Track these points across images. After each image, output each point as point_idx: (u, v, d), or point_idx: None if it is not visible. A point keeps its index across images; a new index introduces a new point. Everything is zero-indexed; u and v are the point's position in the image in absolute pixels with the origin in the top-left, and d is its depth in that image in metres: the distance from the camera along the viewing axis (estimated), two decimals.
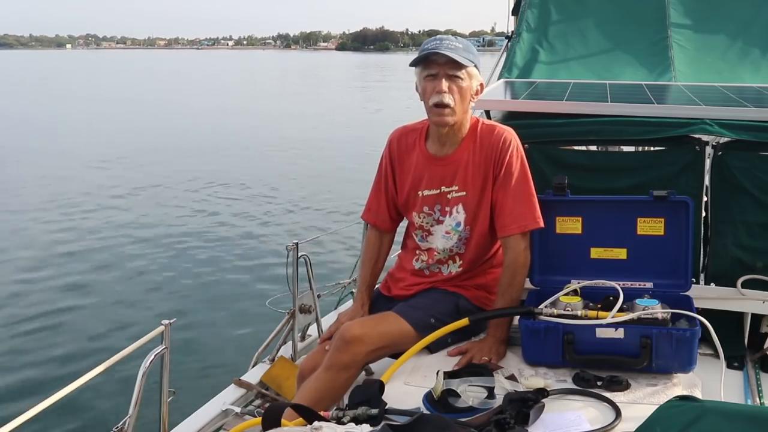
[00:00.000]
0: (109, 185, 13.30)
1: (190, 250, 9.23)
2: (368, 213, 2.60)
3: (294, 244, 3.00)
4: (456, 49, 2.25)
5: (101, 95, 35.23)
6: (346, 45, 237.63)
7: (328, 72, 70.25)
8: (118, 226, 10.40)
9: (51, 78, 54.99)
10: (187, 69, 76.42)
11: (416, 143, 2.47)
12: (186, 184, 13.35)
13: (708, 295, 2.49)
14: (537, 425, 1.81)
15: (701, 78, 3.45)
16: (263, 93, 37.78)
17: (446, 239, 2.43)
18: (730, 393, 2.14)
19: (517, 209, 2.32)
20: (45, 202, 12.11)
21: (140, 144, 18.63)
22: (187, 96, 35.16)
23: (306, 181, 13.68)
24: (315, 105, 30.00)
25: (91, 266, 8.57)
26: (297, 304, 3.05)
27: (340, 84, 47.03)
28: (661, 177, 2.55)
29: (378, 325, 2.27)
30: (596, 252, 2.48)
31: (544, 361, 2.18)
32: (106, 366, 2.24)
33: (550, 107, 2.70)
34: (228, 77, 55.94)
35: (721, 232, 2.56)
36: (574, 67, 3.66)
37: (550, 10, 3.91)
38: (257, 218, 10.98)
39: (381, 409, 1.78)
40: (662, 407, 1.33)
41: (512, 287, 2.33)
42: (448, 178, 2.40)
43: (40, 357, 6.00)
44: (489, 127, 2.39)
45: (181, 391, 2.54)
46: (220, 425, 2.68)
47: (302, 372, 2.37)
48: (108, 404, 4.84)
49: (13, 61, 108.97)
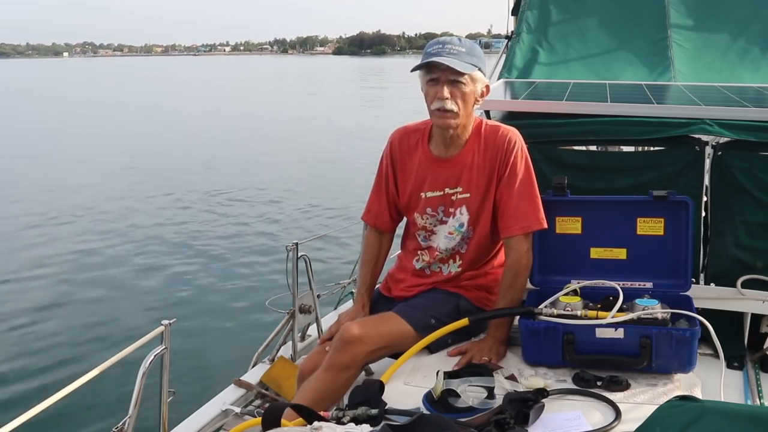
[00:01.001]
0: (109, 188, 13.32)
1: (191, 251, 9.24)
2: (368, 214, 2.59)
3: (294, 244, 3.00)
4: (458, 54, 2.22)
5: (101, 101, 35.20)
6: (342, 49, 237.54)
7: (325, 76, 70.24)
8: (118, 228, 10.42)
9: (48, 86, 54.98)
10: (185, 75, 76.48)
11: (419, 144, 2.46)
12: (186, 186, 13.37)
13: (708, 295, 2.49)
14: (537, 425, 1.81)
15: (701, 78, 3.45)
16: (261, 97, 37.78)
17: (449, 239, 2.43)
18: (730, 393, 2.14)
19: (520, 210, 2.31)
20: (45, 202, 12.13)
21: (139, 148, 18.67)
22: (185, 101, 35.18)
23: (306, 182, 13.68)
24: (314, 107, 30.01)
25: (90, 267, 8.58)
26: (297, 304, 3.05)
27: (338, 87, 47.04)
28: (661, 177, 2.55)
29: (378, 325, 2.27)
30: (596, 252, 2.48)
31: (544, 361, 2.17)
32: (106, 366, 2.23)
33: (550, 107, 2.70)
34: (225, 82, 56.02)
35: (720, 232, 2.55)
36: (573, 67, 3.66)
37: (549, 10, 3.91)
38: (257, 218, 10.98)
39: (381, 409, 1.78)
40: (662, 407, 1.33)
41: (514, 288, 2.33)
42: (452, 179, 2.39)
43: (40, 357, 6.00)
44: (493, 128, 2.38)
45: (181, 391, 2.54)
46: (220, 425, 2.68)
47: (302, 372, 2.37)
48: (108, 404, 4.84)
49: (10, 70, 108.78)
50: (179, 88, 49.30)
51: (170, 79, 66.53)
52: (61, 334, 6.54)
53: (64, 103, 35.15)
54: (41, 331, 6.58)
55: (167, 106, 31.84)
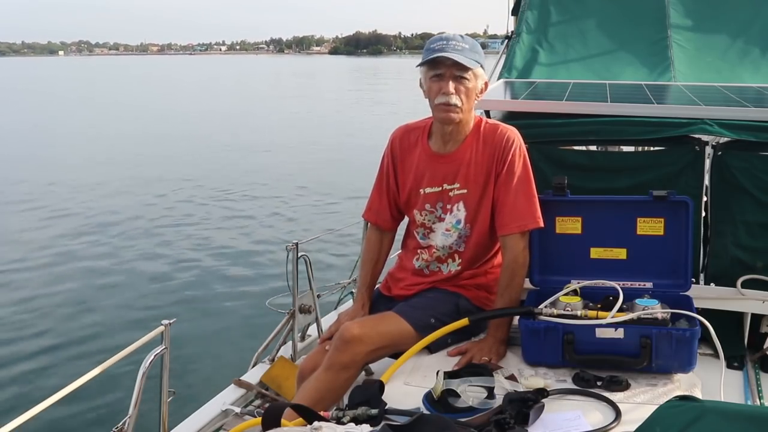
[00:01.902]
0: (109, 188, 13.31)
1: (190, 251, 9.24)
2: (369, 212, 2.60)
3: (294, 244, 3.00)
4: (463, 51, 2.25)
5: (96, 100, 35.14)
6: (339, 49, 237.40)
7: (323, 75, 70.19)
8: (118, 228, 10.41)
9: (44, 84, 54.88)
10: (181, 74, 76.32)
11: (418, 141, 2.47)
12: (185, 186, 13.36)
13: (708, 295, 2.49)
14: (537, 425, 1.81)
15: (701, 78, 3.45)
16: (259, 96, 37.76)
17: (446, 236, 2.43)
18: (729, 393, 2.14)
19: (517, 208, 2.32)
20: (45, 203, 12.11)
21: (139, 147, 18.64)
22: (185, 100, 35.15)
23: (306, 182, 13.68)
24: (312, 108, 30.00)
25: (90, 267, 8.57)
26: (297, 304, 3.05)
27: (336, 87, 47.00)
28: (661, 177, 2.55)
29: (378, 325, 2.27)
30: (596, 252, 2.48)
31: (544, 361, 2.18)
32: (106, 366, 2.23)
33: (550, 107, 2.70)
34: (223, 81, 55.91)
35: (720, 232, 2.55)
36: (573, 67, 3.66)
37: (549, 10, 3.91)
38: (257, 218, 10.98)
39: (381, 409, 1.78)
40: (662, 407, 1.33)
41: (511, 287, 2.33)
42: (450, 175, 2.40)
43: (40, 357, 6.00)
44: (492, 126, 2.39)
45: (181, 391, 2.54)
46: (220, 425, 2.68)
47: (302, 372, 2.37)
48: (108, 404, 4.84)
49: (5, 69, 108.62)
50: (175, 87, 49.22)
51: (166, 77, 66.51)
52: (60, 334, 6.53)
53: (58, 101, 35.09)
54: (41, 331, 6.58)
55: (166, 107, 31.81)
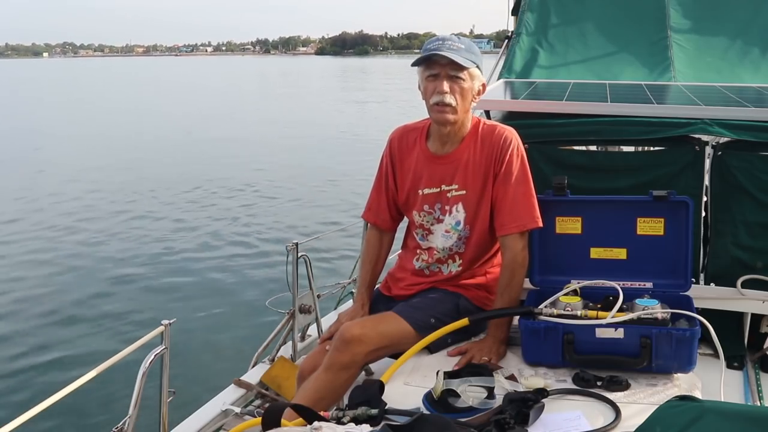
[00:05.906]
0: (109, 188, 13.29)
1: (190, 251, 9.23)
2: (369, 212, 2.61)
3: (294, 244, 3.00)
4: (458, 51, 2.25)
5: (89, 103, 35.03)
6: (325, 49, 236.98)
7: (310, 76, 70.08)
8: (117, 228, 10.40)
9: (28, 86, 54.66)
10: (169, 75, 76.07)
11: (417, 142, 2.47)
12: (184, 186, 13.34)
13: (708, 295, 2.49)
14: (537, 425, 1.81)
15: (701, 78, 3.45)
16: (251, 97, 37.69)
17: (446, 238, 2.43)
18: (729, 393, 2.14)
19: (515, 209, 2.32)
20: (45, 204, 12.11)
21: (134, 148, 18.62)
22: (179, 101, 35.05)
23: (306, 182, 13.67)
24: (310, 107, 29.97)
25: (90, 267, 8.56)
26: (297, 304, 3.05)
27: (327, 87, 46.90)
28: (661, 177, 2.55)
29: (378, 325, 2.27)
30: (596, 252, 2.48)
31: (544, 361, 2.18)
32: (106, 366, 2.23)
33: (550, 107, 2.70)
34: (211, 82, 55.75)
35: (720, 232, 2.56)
36: (573, 67, 3.67)
37: (549, 10, 3.91)
38: (257, 218, 10.97)
39: (381, 409, 1.78)
40: (662, 407, 1.33)
41: (511, 287, 2.33)
42: (448, 176, 2.40)
43: (40, 357, 6.00)
44: (490, 127, 2.40)
45: (181, 391, 2.54)
46: (220, 425, 2.68)
47: (302, 372, 2.37)
48: (108, 404, 4.84)
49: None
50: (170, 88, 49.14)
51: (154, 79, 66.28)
52: (60, 334, 6.53)
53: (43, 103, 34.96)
54: (40, 331, 6.58)
55: (165, 106, 31.79)
